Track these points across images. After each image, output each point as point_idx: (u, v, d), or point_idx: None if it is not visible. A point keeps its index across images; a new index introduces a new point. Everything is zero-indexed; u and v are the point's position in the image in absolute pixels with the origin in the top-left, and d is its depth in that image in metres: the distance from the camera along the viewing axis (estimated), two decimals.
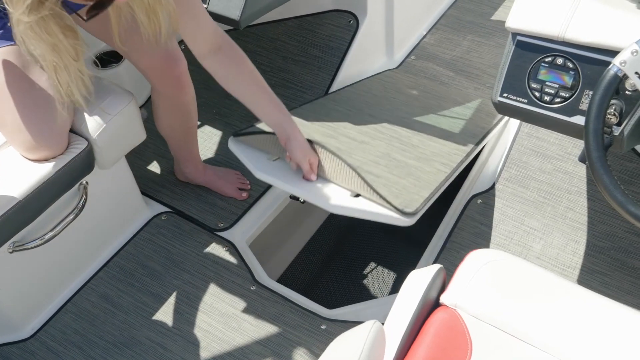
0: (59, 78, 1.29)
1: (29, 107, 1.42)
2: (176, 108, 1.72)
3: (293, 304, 1.70)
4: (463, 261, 1.23)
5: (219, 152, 2.09)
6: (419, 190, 1.48)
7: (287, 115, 1.53)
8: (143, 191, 1.96)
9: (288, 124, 1.52)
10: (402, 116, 1.81)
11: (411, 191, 1.47)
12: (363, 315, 1.68)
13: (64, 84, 1.30)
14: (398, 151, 1.61)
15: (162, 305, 1.71)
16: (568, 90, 1.23)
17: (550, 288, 1.17)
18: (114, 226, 1.83)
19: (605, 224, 1.75)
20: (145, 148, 2.07)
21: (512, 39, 1.27)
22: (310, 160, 1.51)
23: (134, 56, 1.59)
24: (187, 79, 1.67)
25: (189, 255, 1.81)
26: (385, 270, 2.11)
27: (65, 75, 1.28)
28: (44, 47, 1.20)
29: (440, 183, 1.53)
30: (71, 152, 1.51)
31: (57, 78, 1.29)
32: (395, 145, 1.64)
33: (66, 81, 1.30)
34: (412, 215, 1.43)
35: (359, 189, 1.48)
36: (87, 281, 1.77)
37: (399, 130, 1.72)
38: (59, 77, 1.29)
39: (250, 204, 1.93)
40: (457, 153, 1.65)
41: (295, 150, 1.50)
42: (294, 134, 1.51)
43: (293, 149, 1.51)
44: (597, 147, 1.09)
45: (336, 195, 1.49)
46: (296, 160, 1.52)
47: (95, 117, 1.55)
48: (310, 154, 1.52)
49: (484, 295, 1.16)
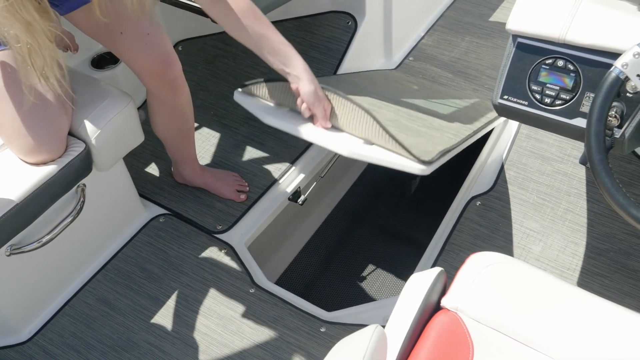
0: (33, 61, 1.27)
1: (27, 110, 1.41)
2: (172, 111, 1.71)
3: (292, 307, 1.69)
4: (464, 264, 1.22)
5: (217, 154, 2.08)
6: (434, 146, 1.41)
7: (298, 55, 1.46)
8: (141, 193, 1.96)
9: (300, 65, 1.44)
10: (406, 98, 1.76)
11: (426, 145, 1.40)
12: (362, 317, 1.67)
13: (39, 67, 1.29)
14: (407, 120, 1.53)
15: (161, 308, 1.70)
16: (569, 92, 1.23)
17: (551, 291, 1.16)
18: (111, 228, 1.82)
19: (604, 225, 1.75)
20: (142, 150, 2.06)
21: (513, 41, 1.26)
22: (325, 106, 1.44)
23: (128, 57, 1.58)
24: (182, 81, 1.66)
25: (187, 257, 1.81)
26: (383, 272, 2.10)
27: (39, 59, 1.27)
28: (19, 27, 1.19)
29: (453, 145, 1.46)
30: (69, 155, 1.50)
31: (31, 61, 1.27)
32: (403, 116, 1.56)
33: (41, 65, 1.28)
34: (429, 164, 1.35)
35: (375, 136, 1.40)
36: (85, 284, 1.76)
37: (405, 107, 1.66)
38: (33, 61, 1.27)
39: (249, 206, 1.92)
40: (465, 129, 1.59)
41: (309, 94, 1.42)
42: (306, 75, 1.43)
43: (306, 92, 1.42)
44: (598, 149, 1.09)
45: (351, 142, 1.42)
46: (309, 104, 1.43)
47: (93, 119, 1.54)
48: (323, 99, 1.44)
49: (485, 298, 1.15)
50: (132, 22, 1.50)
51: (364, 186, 2.37)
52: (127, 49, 1.55)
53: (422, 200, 2.31)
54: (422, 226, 2.22)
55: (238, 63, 2.33)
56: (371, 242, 2.20)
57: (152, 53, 1.55)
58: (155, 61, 1.57)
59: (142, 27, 1.52)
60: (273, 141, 2.09)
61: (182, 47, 2.43)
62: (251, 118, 2.17)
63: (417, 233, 2.21)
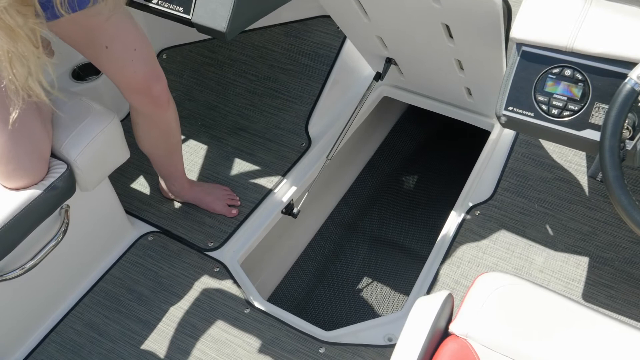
0: (14, 71, 1.15)
1: (8, 137, 1.33)
2: (157, 126, 1.63)
3: (289, 327, 1.62)
4: (472, 286, 1.16)
5: (206, 167, 2.01)
6: None
7: None
8: (128, 210, 1.88)
9: None
10: None
11: None
12: (363, 336, 1.61)
13: (21, 77, 1.16)
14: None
15: (152, 333, 1.62)
16: (577, 103, 1.17)
17: (564, 314, 1.11)
18: (98, 249, 1.74)
19: (608, 233, 1.70)
20: (128, 164, 1.98)
21: (517, 50, 1.20)
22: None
23: (112, 72, 1.49)
24: (167, 96, 1.58)
25: (178, 277, 1.73)
26: (380, 285, 2.04)
27: (22, 69, 1.15)
28: (1, 34, 1.09)
29: None
30: (51, 177, 1.43)
31: (13, 71, 1.15)
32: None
33: (24, 75, 1.16)
34: None
35: None
36: (72, 308, 1.69)
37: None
38: (15, 70, 1.15)
39: (241, 221, 1.85)
40: None
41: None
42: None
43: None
44: (614, 166, 1.03)
45: None
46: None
47: (75, 138, 1.47)
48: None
49: (496, 323, 1.09)
50: (118, 36, 1.42)
51: (357, 194, 2.31)
52: (112, 64, 1.47)
53: (417, 208, 2.25)
54: (417, 235, 2.16)
55: (224, 71, 2.26)
56: (366, 253, 2.14)
57: (138, 69, 1.47)
58: (142, 77, 1.49)
59: (128, 41, 1.44)
60: (264, 152, 2.03)
61: (166, 55, 2.35)
62: (240, 128, 2.10)
63: (412, 242, 2.15)
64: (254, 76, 2.21)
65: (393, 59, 1.83)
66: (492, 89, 1.70)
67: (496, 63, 1.51)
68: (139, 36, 1.46)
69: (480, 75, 1.66)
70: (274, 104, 2.14)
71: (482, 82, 1.71)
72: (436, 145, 2.45)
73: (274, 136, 2.06)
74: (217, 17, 1.54)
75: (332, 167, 2.08)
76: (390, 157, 2.42)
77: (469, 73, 1.68)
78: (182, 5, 1.59)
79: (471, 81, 1.74)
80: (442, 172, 2.33)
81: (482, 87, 1.76)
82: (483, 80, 1.70)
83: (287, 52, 2.22)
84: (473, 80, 1.73)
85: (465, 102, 1.96)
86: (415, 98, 2.13)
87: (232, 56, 2.28)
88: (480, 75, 1.67)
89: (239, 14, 1.55)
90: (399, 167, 2.39)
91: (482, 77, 1.67)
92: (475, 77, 1.69)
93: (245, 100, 2.17)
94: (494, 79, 1.62)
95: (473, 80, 1.72)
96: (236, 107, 2.16)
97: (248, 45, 2.29)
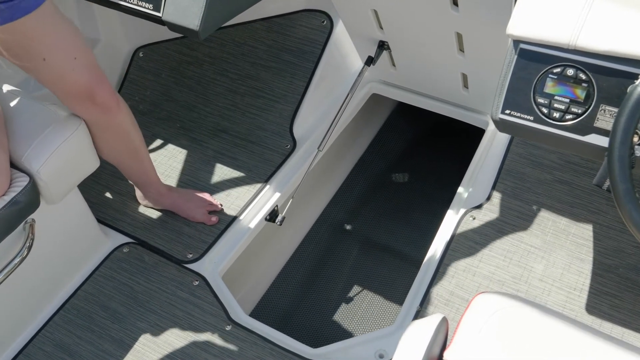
0: None
1: None
2: (112, 132, 1.50)
3: (273, 345, 1.52)
4: (468, 308, 1.06)
5: (185, 172, 1.90)
6: None
7: None
8: (101, 220, 1.77)
9: None
10: None
11: None
12: (353, 353, 1.51)
13: None
14: None
15: (127, 353, 1.52)
16: (580, 105, 1.06)
17: (568, 339, 1.01)
18: (68, 264, 1.63)
19: (611, 238, 1.60)
20: (101, 170, 1.87)
21: (514, 48, 1.10)
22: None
23: (51, 84, 1.36)
24: (114, 100, 1.44)
25: (154, 292, 1.63)
26: (370, 294, 1.93)
27: None
28: None
29: None
30: (11, 192, 1.32)
31: None
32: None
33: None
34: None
35: None
36: (41, 328, 1.58)
37: None
38: None
39: (222, 230, 1.74)
40: None
41: None
42: None
43: None
44: (624, 178, 0.93)
45: None
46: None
47: (37, 148, 1.36)
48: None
49: (495, 352, 0.99)
50: (57, 45, 1.28)
51: (346, 196, 2.20)
52: (50, 76, 1.33)
53: (409, 209, 2.15)
54: (410, 237, 2.06)
55: (204, 69, 2.14)
56: (356, 257, 2.03)
57: (79, 78, 1.34)
58: (84, 86, 1.35)
59: (68, 50, 1.30)
60: (246, 155, 1.92)
61: (142, 53, 2.23)
62: (221, 129, 1.99)
63: (405, 246, 2.05)
64: (235, 74, 2.10)
65: (386, 43, 1.72)
66: (492, 74, 1.57)
67: (501, 40, 1.39)
68: (79, 42, 1.32)
69: (482, 55, 1.54)
70: (256, 103, 2.02)
71: (482, 65, 1.60)
72: (429, 144, 2.34)
73: (257, 138, 1.95)
74: (189, 14, 1.43)
75: (319, 168, 1.97)
76: (381, 156, 2.32)
77: (469, 52, 1.56)
78: (152, 2, 1.48)
79: (470, 65, 1.63)
80: (435, 171, 2.22)
81: (481, 72, 1.64)
82: (483, 63, 1.58)
83: (269, 49, 2.11)
84: (472, 64, 1.61)
85: (460, 96, 1.85)
86: (405, 95, 2.02)
87: (212, 54, 2.16)
88: (482, 56, 1.55)
89: (213, 10, 1.44)
90: (390, 167, 2.29)
91: (483, 57, 1.55)
92: (475, 57, 1.57)
93: (226, 100, 2.06)
94: (495, 61, 1.49)
95: (472, 63, 1.61)
96: (217, 107, 2.05)
97: (228, 42, 2.17)
